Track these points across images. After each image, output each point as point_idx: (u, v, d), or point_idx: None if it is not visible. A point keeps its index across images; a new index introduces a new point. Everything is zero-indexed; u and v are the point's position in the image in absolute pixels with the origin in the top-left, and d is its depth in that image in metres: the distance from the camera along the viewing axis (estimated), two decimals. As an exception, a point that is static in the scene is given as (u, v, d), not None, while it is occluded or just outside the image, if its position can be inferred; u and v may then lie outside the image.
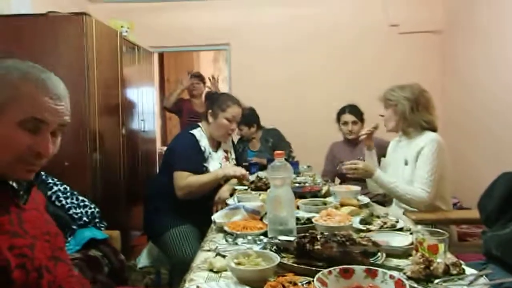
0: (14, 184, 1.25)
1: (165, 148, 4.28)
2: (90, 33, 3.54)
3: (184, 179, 2.92)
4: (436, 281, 1.37)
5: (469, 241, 3.33)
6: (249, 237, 1.82)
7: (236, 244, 1.80)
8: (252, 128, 4.61)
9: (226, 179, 3.06)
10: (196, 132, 3.15)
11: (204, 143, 3.13)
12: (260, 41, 5.69)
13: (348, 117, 4.06)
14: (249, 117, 4.58)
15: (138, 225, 4.36)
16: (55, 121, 1.19)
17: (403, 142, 2.98)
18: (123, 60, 4.22)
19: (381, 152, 3.31)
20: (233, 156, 3.45)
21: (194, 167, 2.99)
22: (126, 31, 4.68)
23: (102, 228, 3.27)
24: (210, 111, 3.17)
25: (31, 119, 1.15)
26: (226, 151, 3.35)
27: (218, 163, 3.19)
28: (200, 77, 5.58)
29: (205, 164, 3.10)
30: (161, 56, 7.64)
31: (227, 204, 2.73)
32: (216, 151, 3.25)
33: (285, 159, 4.19)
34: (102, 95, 3.73)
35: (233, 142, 3.58)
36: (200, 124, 3.26)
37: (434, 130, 2.85)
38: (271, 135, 4.63)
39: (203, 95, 5.57)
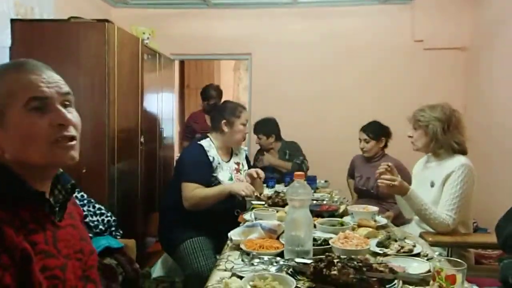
0: (51, 199, 1.25)
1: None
2: (112, 40, 3.54)
3: (191, 191, 2.95)
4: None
5: (486, 263, 3.28)
6: (266, 258, 1.81)
7: (252, 264, 1.79)
8: (271, 138, 4.59)
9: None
10: (205, 142, 3.19)
11: (213, 153, 3.16)
12: (282, 52, 5.64)
13: (361, 135, 4.07)
14: (269, 127, 4.59)
15: (154, 232, 4.37)
16: (54, 92, 1.19)
17: (431, 163, 2.92)
18: (144, 67, 4.22)
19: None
20: (245, 168, 3.44)
21: (201, 178, 3.02)
22: (148, 38, 4.69)
23: (118, 237, 3.27)
24: (224, 121, 3.19)
25: (31, 99, 1.15)
26: (237, 163, 3.36)
27: (228, 173, 3.20)
28: (217, 91, 5.55)
29: (214, 174, 3.11)
30: (181, 62, 7.67)
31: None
32: (227, 161, 3.27)
33: (298, 164, 4.26)
34: (122, 102, 3.73)
35: (247, 157, 3.60)
36: (209, 135, 3.30)
37: (464, 152, 2.80)
38: (289, 147, 4.61)
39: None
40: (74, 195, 1.38)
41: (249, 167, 3.51)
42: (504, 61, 4.43)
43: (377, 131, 4.02)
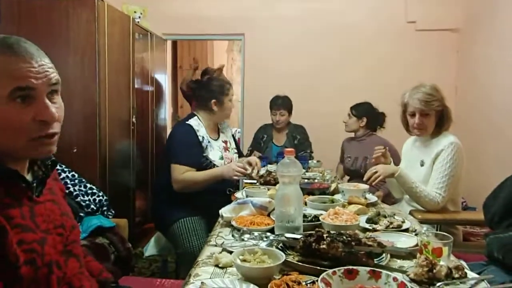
0: (29, 176, 1.23)
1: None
2: (102, 18, 3.50)
3: (181, 174, 2.91)
4: (438, 284, 1.37)
5: (473, 241, 3.32)
6: (256, 233, 1.82)
7: (243, 240, 1.80)
8: (288, 117, 4.55)
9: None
10: (193, 121, 3.11)
11: (202, 132, 3.09)
12: (275, 32, 5.60)
13: (349, 111, 4.18)
14: (290, 105, 4.53)
15: (146, 212, 4.39)
16: (42, 83, 1.12)
17: (421, 142, 2.93)
18: (135, 47, 4.20)
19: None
20: (233, 146, 3.40)
21: (191, 160, 2.97)
22: (139, 17, 4.64)
23: (110, 216, 3.28)
24: (214, 100, 3.15)
25: (16, 90, 1.08)
26: (225, 142, 3.31)
27: (218, 152, 3.16)
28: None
29: (204, 154, 3.05)
30: (174, 43, 7.63)
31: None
32: (216, 139, 3.23)
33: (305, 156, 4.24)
34: (113, 82, 3.71)
35: (233, 136, 3.55)
36: (195, 112, 3.24)
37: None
38: (299, 131, 4.57)
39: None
40: (58, 171, 1.35)
41: (236, 146, 3.48)
42: (495, 43, 4.43)
43: (361, 111, 4.11)
